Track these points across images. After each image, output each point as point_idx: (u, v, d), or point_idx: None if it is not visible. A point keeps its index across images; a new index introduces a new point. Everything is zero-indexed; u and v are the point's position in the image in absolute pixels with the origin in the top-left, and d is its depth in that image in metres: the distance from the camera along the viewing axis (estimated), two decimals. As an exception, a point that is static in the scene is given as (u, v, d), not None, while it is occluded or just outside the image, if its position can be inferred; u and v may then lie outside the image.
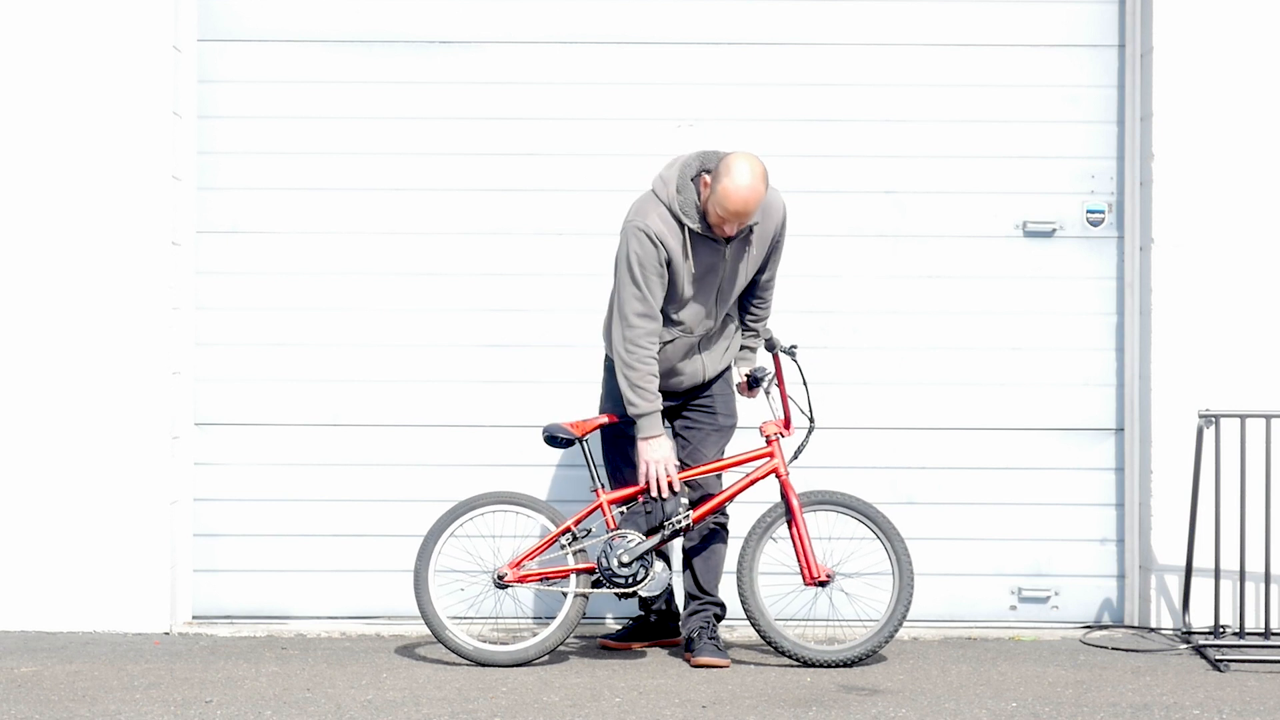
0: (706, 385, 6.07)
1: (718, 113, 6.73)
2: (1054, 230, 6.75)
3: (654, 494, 5.85)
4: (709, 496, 5.99)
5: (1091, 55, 6.75)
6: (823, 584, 5.94)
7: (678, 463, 5.91)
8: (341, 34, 6.75)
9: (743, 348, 6.15)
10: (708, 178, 5.72)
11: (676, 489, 5.85)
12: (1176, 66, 6.53)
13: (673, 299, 5.85)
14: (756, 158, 5.72)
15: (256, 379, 6.75)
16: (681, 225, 5.76)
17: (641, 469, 5.87)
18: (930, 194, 6.75)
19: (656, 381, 5.82)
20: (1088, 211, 6.75)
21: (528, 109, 6.75)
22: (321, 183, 6.74)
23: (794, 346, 5.99)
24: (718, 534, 6.09)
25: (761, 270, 6.03)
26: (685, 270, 5.79)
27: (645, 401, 5.82)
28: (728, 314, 6.03)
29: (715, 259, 5.83)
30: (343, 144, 6.75)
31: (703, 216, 5.76)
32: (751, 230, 5.87)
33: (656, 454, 5.84)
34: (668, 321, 5.88)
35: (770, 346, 5.97)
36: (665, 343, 5.90)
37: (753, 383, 6.09)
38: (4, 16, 6.47)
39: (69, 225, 6.47)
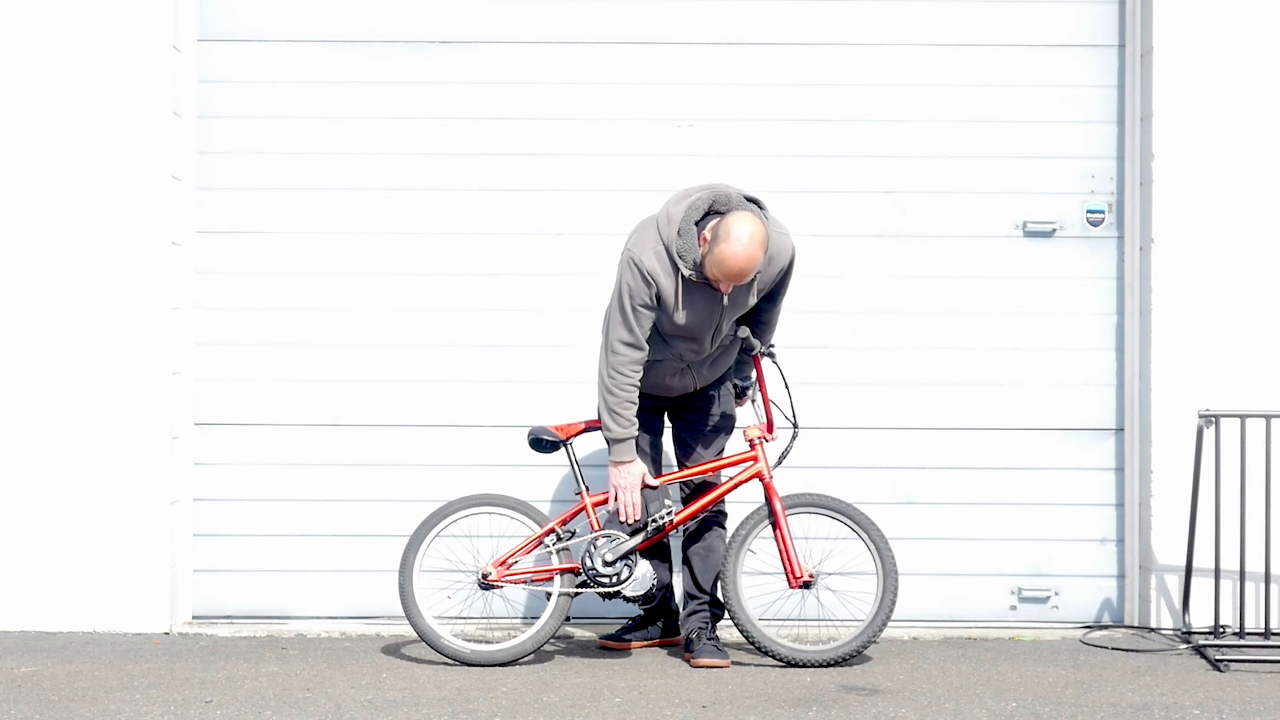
0: (700, 390, 6.06)
1: (718, 113, 6.73)
2: (1054, 230, 6.75)
3: (623, 519, 5.86)
4: (702, 495, 5.99)
5: (1091, 55, 6.75)
6: (806, 585, 5.94)
7: (651, 485, 5.91)
8: (341, 34, 6.75)
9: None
10: (707, 234, 5.63)
11: (637, 517, 5.87)
12: (1176, 66, 6.53)
13: (663, 330, 5.82)
14: (758, 220, 5.60)
15: (256, 379, 6.75)
16: (677, 271, 5.70)
17: (610, 493, 5.88)
18: (930, 194, 6.75)
19: (634, 409, 5.81)
20: (1088, 211, 6.75)
21: (528, 109, 6.75)
22: (321, 183, 6.74)
23: (771, 347, 5.96)
24: (715, 534, 6.10)
25: (768, 298, 5.96)
26: (676, 309, 5.74)
27: (620, 427, 5.81)
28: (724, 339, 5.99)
29: (711, 304, 5.76)
30: (343, 144, 6.75)
31: (700, 264, 5.68)
32: (754, 276, 5.78)
33: (625, 480, 5.84)
34: (660, 344, 5.85)
35: (748, 349, 5.94)
36: (655, 361, 5.88)
37: (740, 393, 6.08)
38: (4, 17, 6.47)
39: (69, 225, 6.47)
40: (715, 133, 6.72)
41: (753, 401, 6.04)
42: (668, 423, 6.15)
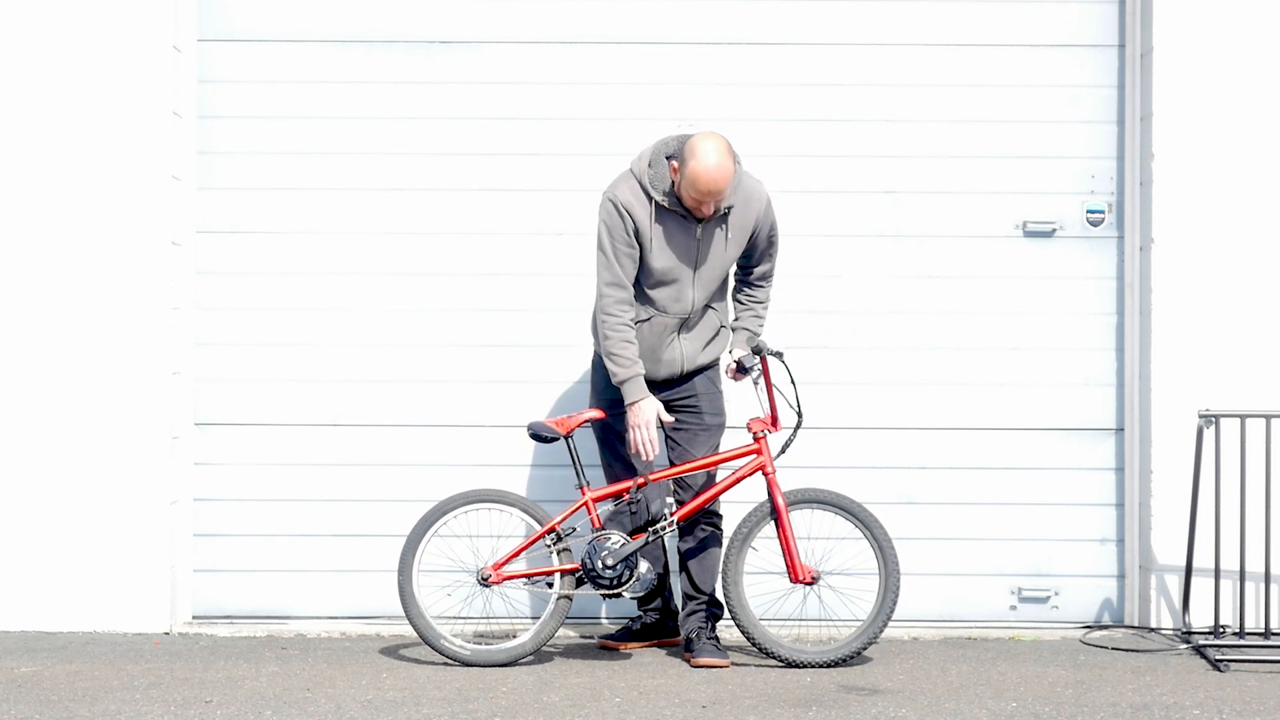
0: (687, 379, 6.05)
1: (718, 113, 6.72)
2: (1054, 230, 6.75)
3: (644, 457, 5.85)
4: (701, 493, 5.99)
5: (1091, 55, 6.75)
6: (808, 584, 5.93)
7: (665, 419, 5.90)
8: (341, 34, 6.75)
9: (736, 331, 6.12)
10: (676, 163, 5.81)
11: (656, 453, 5.86)
12: (1176, 66, 6.54)
13: (645, 275, 5.90)
14: (720, 136, 5.79)
15: (256, 379, 6.75)
16: (650, 199, 5.83)
17: (630, 436, 5.87)
18: (930, 194, 6.75)
19: (632, 348, 5.85)
20: (1088, 211, 6.75)
21: (528, 109, 6.75)
22: (321, 183, 6.75)
23: (780, 352, 5.96)
24: (712, 534, 6.09)
25: (755, 262, 6.04)
26: (653, 244, 5.85)
27: (624, 368, 5.84)
28: (710, 306, 6.02)
29: (686, 238, 5.88)
30: (343, 144, 6.75)
31: (673, 193, 5.83)
32: (727, 215, 5.89)
33: (640, 417, 5.85)
34: (643, 299, 5.92)
35: (757, 351, 5.93)
36: (641, 321, 5.94)
37: (741, 369, 6.01)
38: (4, 17, 6.47)
39: (69, 225, 6.47)
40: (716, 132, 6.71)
41: (755, 384, 6.00)
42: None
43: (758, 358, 5.94)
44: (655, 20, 6.75)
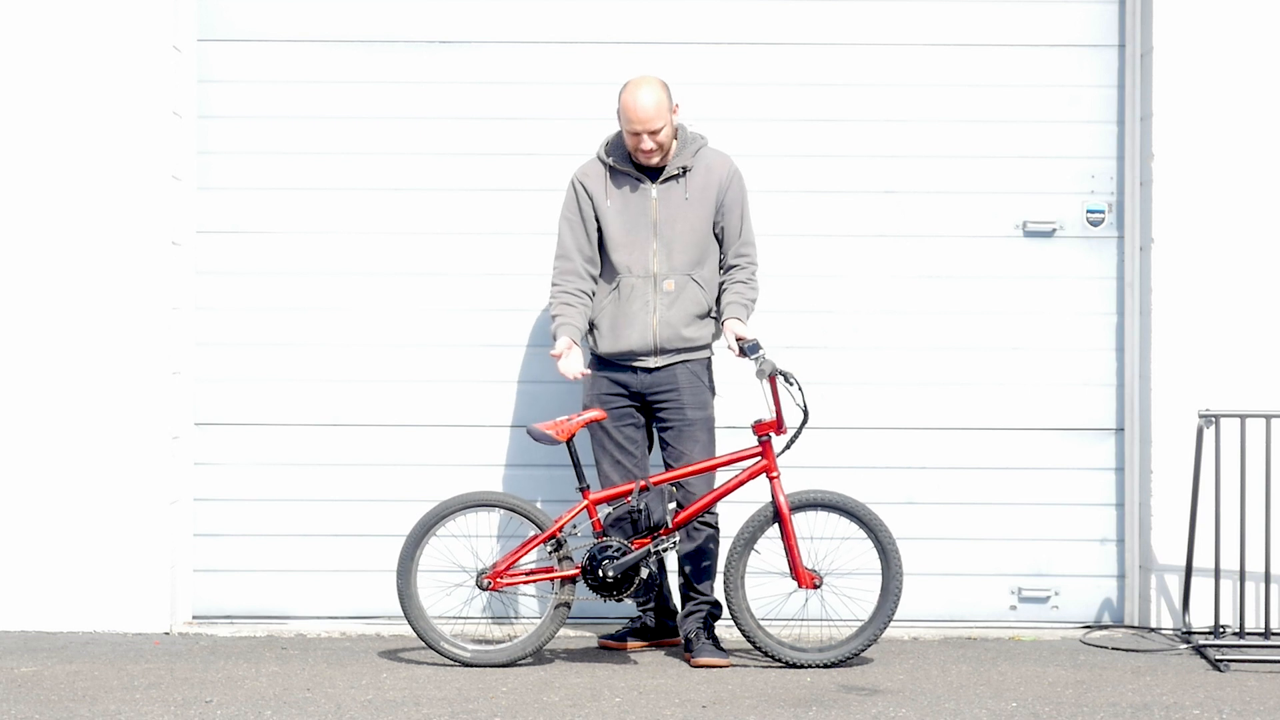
0: (667, 364, 6.01)
1: (718, 113, 6.72)
2: (1054, 230, 6.75)
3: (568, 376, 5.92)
4: (701, 496, 5.98)
5: (1091, 55, 6.75)
6: (813, 588, 5.92)
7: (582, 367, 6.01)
8: (341, 34, 6.75)
9: (725, 306, 6.06)
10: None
11: (576, 374, 5.96)
12: (1176, 66, 6.54)
13: (608, 242, 6.02)
14: (658, 78, 6.03)
15: (256, 379, 6.75)
16: (605, 165, 6.03)
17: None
18: (930, 194, 6.75)
19: (571, 310, 5.99)
20: (1088, 211, 6.75)
21: (528, 109, 6.75)
22: (321, 183, 6.75)
23: (789, 374, 5.87)
24: (709, 534, 6.09)
25: (728, 241, 6.06)
26: (609, 205, 6.02)
27: (556, 321, 6.00)
28: (692, 278, 6.00)
29: (642, 198, 6.01)
30: (343, 144, 6.75)
31: (624, 152, 6.02)
32: (686, 176, 5.99)
33: (560, 364, 5.98)
34: (610, 270, 6.03)
35: (762, 372, 5.80)
36: (613, 290, 6.02)
37: (744, 352, 5.88)
38: (4, 17, 6.47)
39: (69, 225, 6.47)
40: (715, 132, 6.68)
41: (760, 380, 5.92)
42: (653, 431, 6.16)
43: (767, 375, 5.86)
44: (655, 20, 6.75)
